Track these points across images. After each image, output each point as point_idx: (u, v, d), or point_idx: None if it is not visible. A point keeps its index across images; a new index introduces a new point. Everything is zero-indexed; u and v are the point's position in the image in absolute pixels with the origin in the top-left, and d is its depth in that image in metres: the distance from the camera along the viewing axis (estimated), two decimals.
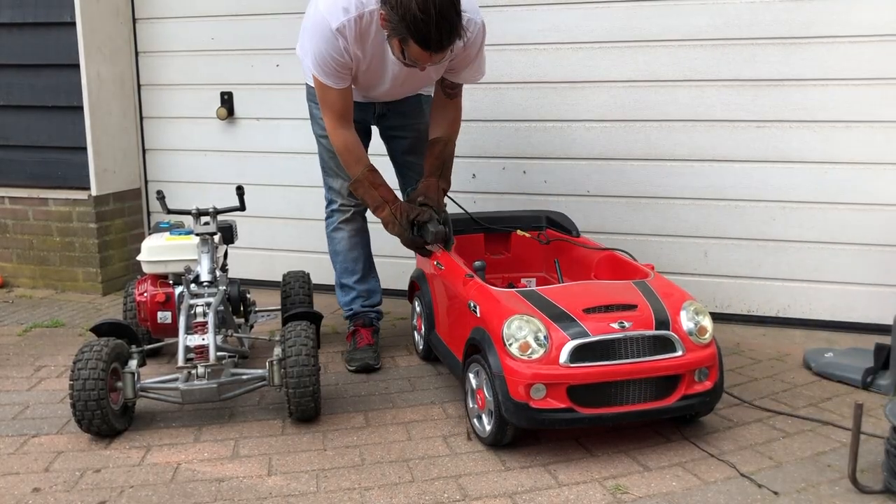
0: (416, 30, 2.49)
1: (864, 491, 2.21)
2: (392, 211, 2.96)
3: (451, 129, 3.12)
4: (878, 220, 3.53)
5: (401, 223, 2.95)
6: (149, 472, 2.41)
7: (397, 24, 2.52)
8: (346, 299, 3.42)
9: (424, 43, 2.52)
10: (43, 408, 2.90)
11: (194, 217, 2.97)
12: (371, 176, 2.98)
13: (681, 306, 2.50)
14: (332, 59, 2.77)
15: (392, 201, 2.98)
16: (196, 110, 4.44)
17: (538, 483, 2.30)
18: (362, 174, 2.97)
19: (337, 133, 2.95)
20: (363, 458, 2.48)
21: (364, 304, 3.40)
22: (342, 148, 2.97)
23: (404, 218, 2.95)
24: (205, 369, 2.65)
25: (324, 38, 2.74)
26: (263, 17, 4.24)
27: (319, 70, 2.82)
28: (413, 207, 2.99)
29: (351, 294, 3.40)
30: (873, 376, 2.95)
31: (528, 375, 2.34)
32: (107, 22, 4.31)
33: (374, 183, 2.97)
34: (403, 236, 2.99)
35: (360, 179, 2.98)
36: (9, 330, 3.82)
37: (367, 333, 3.34)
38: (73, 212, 4.38)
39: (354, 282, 3.39)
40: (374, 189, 2.97)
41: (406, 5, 2.46)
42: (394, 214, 2.96)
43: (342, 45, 2.74)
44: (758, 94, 3.59)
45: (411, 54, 2.60)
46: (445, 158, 3.09)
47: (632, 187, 3.82)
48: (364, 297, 3.40)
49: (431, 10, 2.45)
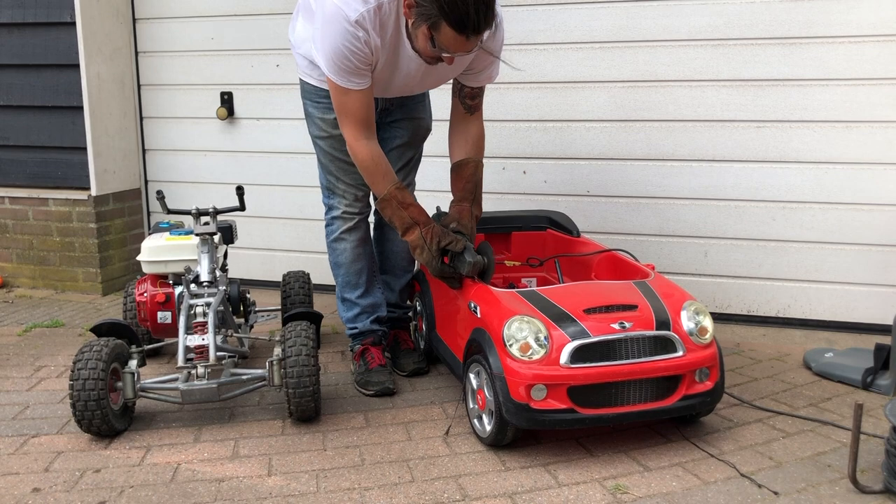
0: (452, 10, 2.27)
1: (864, 491, 2.21)
2: (423, 234, 2.68)
3: (478, 149, 2.88)
4: (878, 220, 3.54)
5: (430, 249, 2.67)
6: (149, 472, 2.41)
7: (429, 7, 2.31)
8: (349, 315, 3.16)
9: (461, 25, 2.30)
10: (43, 408, 2.90)
11: (194, 217, 2.97)
12: (400, 194, 2.69)
13: (681, 306, 2.50)
14: (352, 55, 2.50)
15: (424, 223, 2.69)
16: (196, 110, 4.44)
17: (538, 483, 2.30)
18: (390, 192, 2.69)
19: (360, 145, 2.66)
20: (363, 458, 2.48)
21: (370, 320, 3.13)
22: (369, 162, 2.67)
23: (434, 244, 2.67)
24: (205, 369, 2.65)
25: (340, 31, 2.47)
26: (263, 17, 4.25)
27: (336, 70, 2.54)
28: (446, 233, 2.70)
29: (354, 310, 3.14)
30: (873, 376, 2.95)
31: (528, 376, 2.34)
32: (107, 22, 4.31)
33: (403, 202, 2.69)
34: (431, 265, 2.69)
35: (387, 198, 2.69)
36: (9, 330, 3.82)
37: (378, 353, 3.08)
38: (73, 212, 4.38)
39: (357, 297, 3.12)
40: (404, 209, 2.69)
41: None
42: (424, 239, 2.68)
43: (362, 38, 2.48)
44: (758, 94, 3.59)
45: (443, 41, 2.36)
46: (477, 182, 2.84)
47: (632, 187, 3.82)
48: (369, 312, 3.13)
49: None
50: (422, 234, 2.68)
